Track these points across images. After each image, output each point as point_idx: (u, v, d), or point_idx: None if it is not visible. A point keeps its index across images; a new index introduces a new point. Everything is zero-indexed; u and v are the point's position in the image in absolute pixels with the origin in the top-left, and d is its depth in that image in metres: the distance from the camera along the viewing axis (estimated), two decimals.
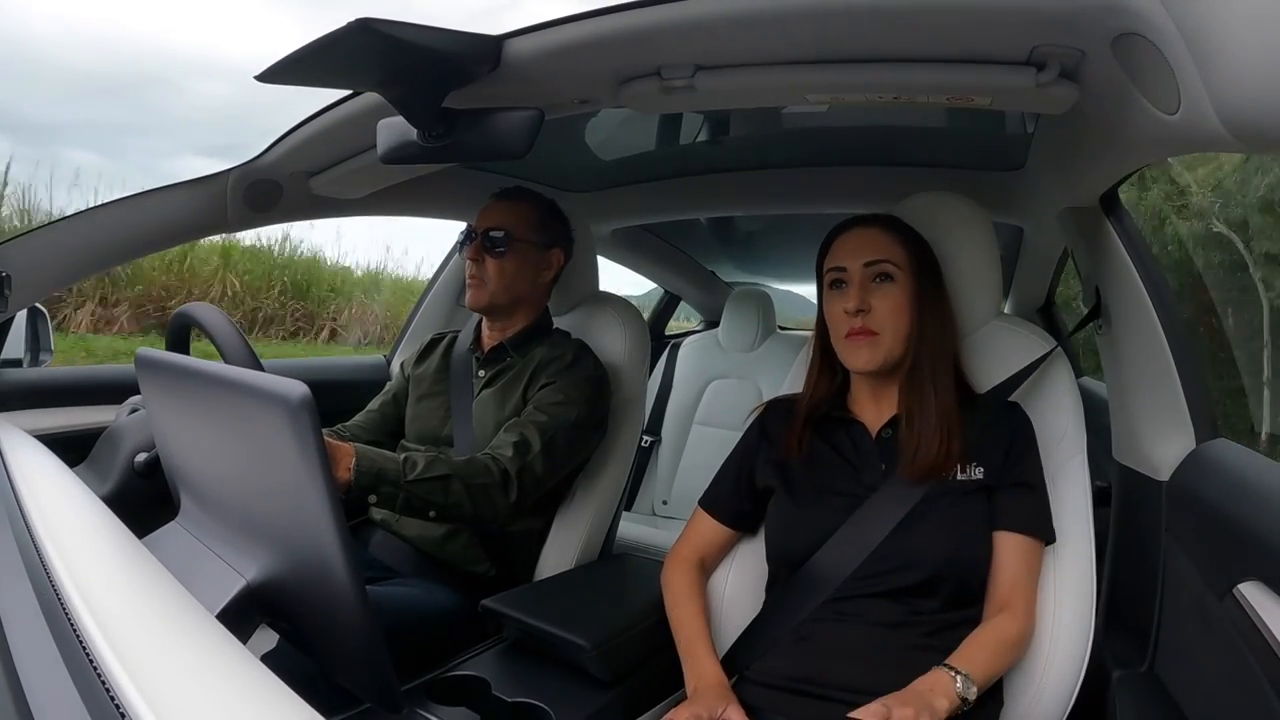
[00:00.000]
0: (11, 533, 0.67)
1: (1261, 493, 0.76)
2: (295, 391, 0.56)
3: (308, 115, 1.06)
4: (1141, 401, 1.02)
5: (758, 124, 1.47)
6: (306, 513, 0.59)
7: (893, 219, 0.99)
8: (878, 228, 0.97)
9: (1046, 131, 1.16)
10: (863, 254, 0.95)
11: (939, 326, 0.95)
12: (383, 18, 0.65)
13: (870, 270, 0.94)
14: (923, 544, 0.87)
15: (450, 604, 1.15)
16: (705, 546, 1.05)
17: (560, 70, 0.82)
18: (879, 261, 0.94)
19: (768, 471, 1.00)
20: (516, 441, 1.12)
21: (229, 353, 1.00)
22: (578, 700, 0.92)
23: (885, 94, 0.80)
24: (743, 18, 0.69)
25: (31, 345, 1.39)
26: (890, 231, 0.97)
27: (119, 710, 0.38)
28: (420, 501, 0.99)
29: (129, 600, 0.53)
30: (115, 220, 1.19)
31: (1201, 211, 3.91)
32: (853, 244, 0.96)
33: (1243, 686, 0.71)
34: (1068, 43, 0.67)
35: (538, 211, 1.30)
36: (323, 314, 7.00)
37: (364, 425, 1.36)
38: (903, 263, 0.94)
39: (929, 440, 0.90)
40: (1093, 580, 0.91)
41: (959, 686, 0.78)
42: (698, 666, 0.92)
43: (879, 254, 0.94)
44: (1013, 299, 2.05)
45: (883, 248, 0.95)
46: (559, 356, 1.25)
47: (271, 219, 1.31)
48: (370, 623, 0.59)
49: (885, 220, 0.99)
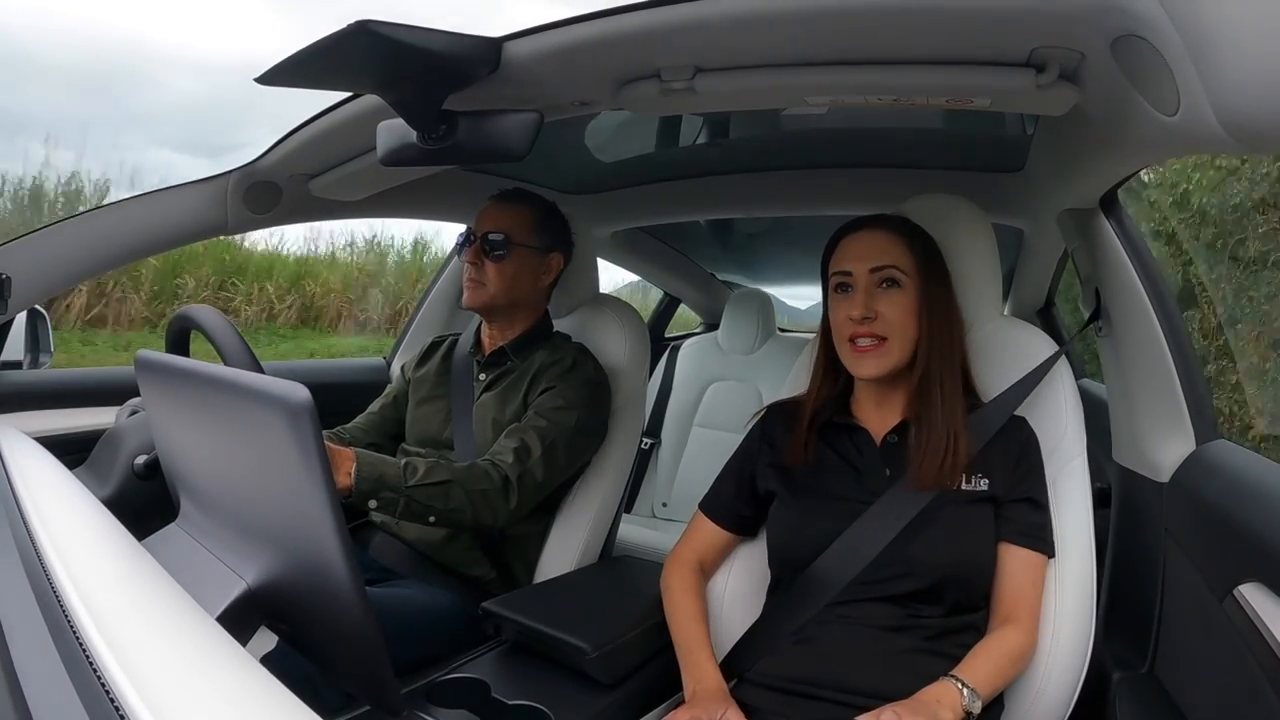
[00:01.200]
0: (11, 535, 0.67)
1: (1261, 494, 0.76)
2: (295, 394, 0.55)
3: (307, 117, 1.06)
4: (1141, 403, 1.02)
5: (757, 126, 1.48)
6: (306, 515, 0.59)
7: (901, 220, 0.98)
8: (885, 230, 0.95)
9: (1046, 133, 1.16)
10: (869, 258, 0.93)
11: (947, 331, 0.93)
12: (383, 20, 0.65)
13: (877, 276, 0.92)
14: (926, 551, 0.87)
15: (450, 606, 1.15)
16: (705, 550, 1.05)
17: (560, 72, 0.83)
18: (886, 267, 0.92)
19: (769, 476, 1.00)
20: (517, 447, 1.12)
21: (229, 355, 1.00)
22: (577, 703, 0.92)
23: (885, 96, 0.79)
24: (742, 19, 0.69)
25: (31, 347, 1.39)
26: (898, 234, 0.94)
27: (118, 712, 0.38)
28: (420, 507, 1.00)
29: (129, 602, 0.53)
30: (115, 222, 1.19)
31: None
32: (859, 247, 0.95)
33: (1243, 688, 0.71)
34: (1067, 44, 0.67)
35: (537, 215, 1.29)
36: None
37: (364, 427, 1.36)
38: (910, 268, 0.93)
39: (936, 447, 0.88)
40: (1093, 582, 0.91)
41: (965, 700, 0.78)
42: (696, 670, 0.91)
43: (886, 259, 0.92)
44: (1012, 300, 2.06)
45: (890, 252, 0.93)
46: (559, 360, 1.25)
47: (271, 221, 1.31)
48: (370, 625, 0.59)
49: (893, 222, 0.96)
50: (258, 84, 0.73)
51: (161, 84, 16.21)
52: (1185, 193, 3.56)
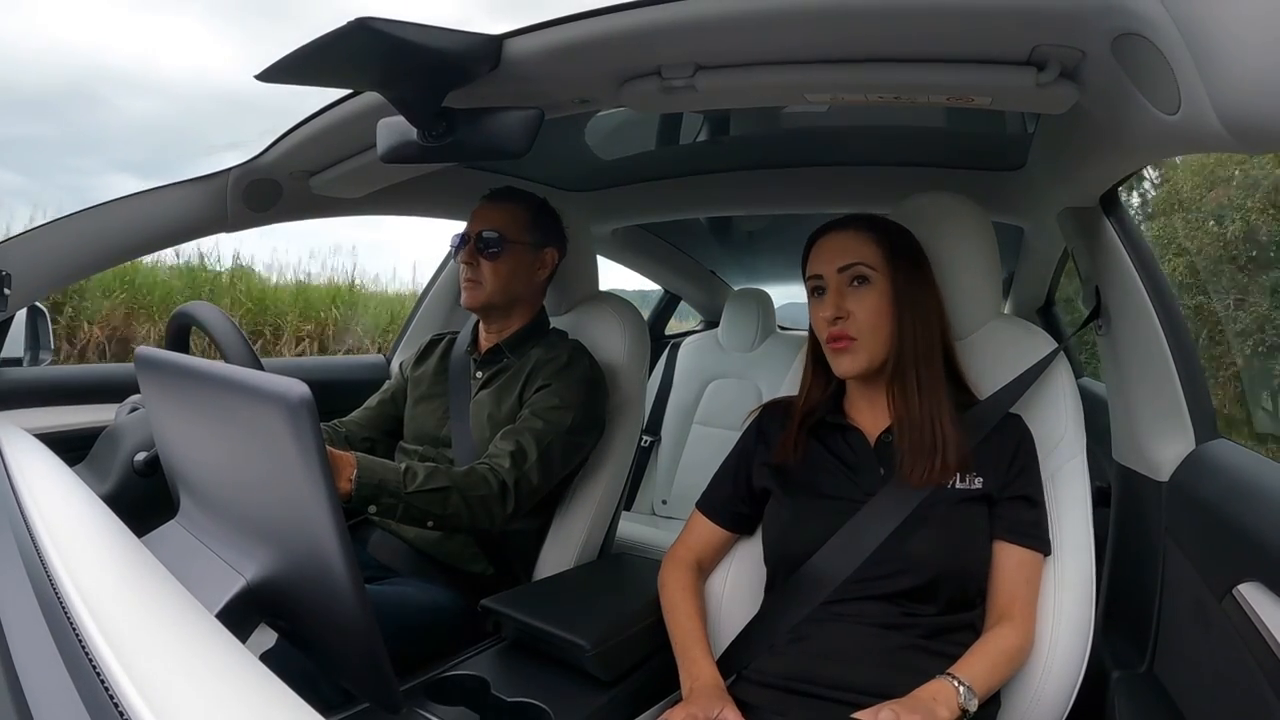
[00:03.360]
0: (11, 532, 0.67)
1: (1261, 493, 0.76)
2: (295, 390, 0.55)
3: (308, 114, 1.06)
4: (1141, 402, 1.02)
5: (758, 124, 1.47)
6: (306, 512, 0.59)
7: (868, 218, 0.97)
8: (851, 229, 0.95)
9: (1046, 131, 1.16)
10: (837, 258, 0.93)
11: (924, 326, 0.93)
12: (382, 17, 0.65)
13: (845, 275, 0.93)
14: (920, 550, 0.87)
15: (449, 603, 1.15)
16: (702, 548, 1.05)
17: (560, 70, 0.82)
18: (852, 265, 0.92)
19: (765, 474, 1.00)
20: (513, 451, 1.12)
21: (229, 352, 0.99)
22: (576, 700, 0.92)
23: (885, 94, 0.79)
24: (743, 17, 0.69)
25: (31, 344, 1.39)
26: (865, 232, 0.94)
27: (118, 710, 0.38)
28: (419, 512, 1.00)
29: (128, 599, 0.53)
30: (115, 219, 1.19)
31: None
32: (827, 249, 0.95)
33: (1242, 687, 0.71)
34: (1068, 42, 0.67)
35: (529, 211, 1.29)
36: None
37: (360, 422, 1.36)
38: (877, 263, 0.92)
39: (921, 444, 0.89)
40: (1092, 581, 0.91)
41: (961, 698, 0.78)
42: (693, 668, 0.92)
43: (852, 257, 0.93)
44: (1012, 299, 2.06)
45: (855, 250, 0.93)
46: (555, 357, 1.25)
47: (271, 219, 1.31)
48: (369, 622, 0.59)
49: (859, 220, 0.96)
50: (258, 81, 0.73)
51: (118, 106, 16.00)
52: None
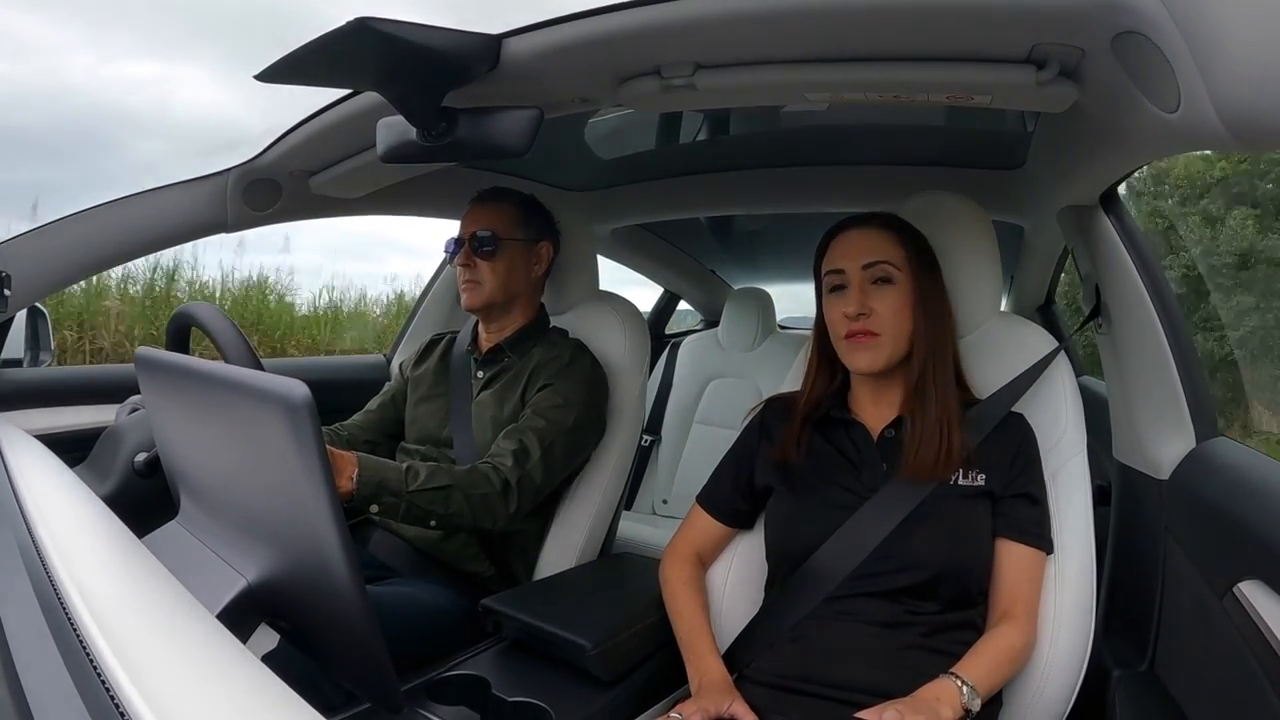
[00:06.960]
0: (12, 533, 0.67)
1: (1261, 492, 0.76)
2: (296, 391, 0.55)
3: (308, 114, 1.06)
4: (1141, 400, 1.02)
5: (758, 123, 1.47)
6: (306, 512, 0.59)
7: (891, 217, 0.98)
8: (876, 227, 0.96)
9: (1046, 130, 1.16)
10: (861, 256, 0.94)
11: (940, 326, 0.94)
12: (382, 16, 0.65)
13: (869, 272, 0.93)
14: (922, 546, 0.87)
15: (450, 603, 1.15)
16: (702, 543, 1.05)
17: (560, 69, 0.82)
18: (878, 263, 0.93)
19: (767, 470, 1.00)
20: (516, 450, 1.12)
21: (229, 352, 0.99)
22: (577, 700, 0.92)
23: (885, 92, 0.79)
24: (742, 16, 0.69)
25: (31, 345, 1.39)
26: (889, 231, 0.95)
27: (119, 710, 0.38)
28: (421, 511, 1.00)
29: (129, 600, 0.53)
30: (115, 220, 1.19)
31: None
32: (851, 245, 0.95)
33: (1243, 686, 0.71)
34: (1068, 41, 0.67)
35: (519, 209, 1.30)
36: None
37: (362, 425, 1.36)
38: (902, 264, 0.93)
39: (930, 440, 0.89)
40: (1092, 579, 0.91)
41: (964, 697, 0.78)
42: (700, 663, 0.92)
43: (878, 255, 0.93)
44: (1012, 298, 2.05)
45: (881, 249, 0.94)
46: (556, 356, 1.25)
47: (271, 219, 1.31)
48: (370, 622, 0.59)
49: (884, 219, 0.97)
50: (257, 81, 0.73)
51: (130, 148, 15.88)
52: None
